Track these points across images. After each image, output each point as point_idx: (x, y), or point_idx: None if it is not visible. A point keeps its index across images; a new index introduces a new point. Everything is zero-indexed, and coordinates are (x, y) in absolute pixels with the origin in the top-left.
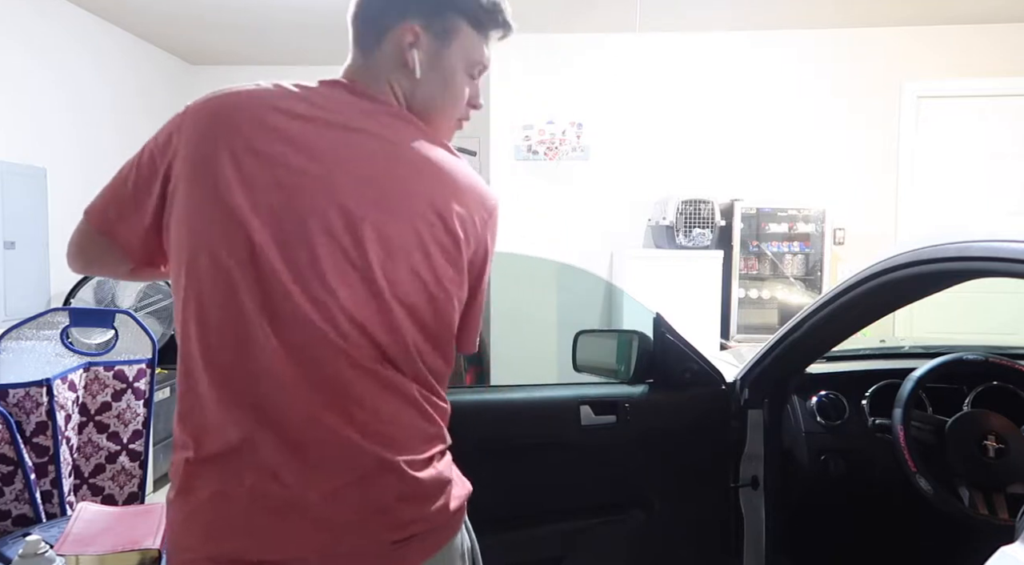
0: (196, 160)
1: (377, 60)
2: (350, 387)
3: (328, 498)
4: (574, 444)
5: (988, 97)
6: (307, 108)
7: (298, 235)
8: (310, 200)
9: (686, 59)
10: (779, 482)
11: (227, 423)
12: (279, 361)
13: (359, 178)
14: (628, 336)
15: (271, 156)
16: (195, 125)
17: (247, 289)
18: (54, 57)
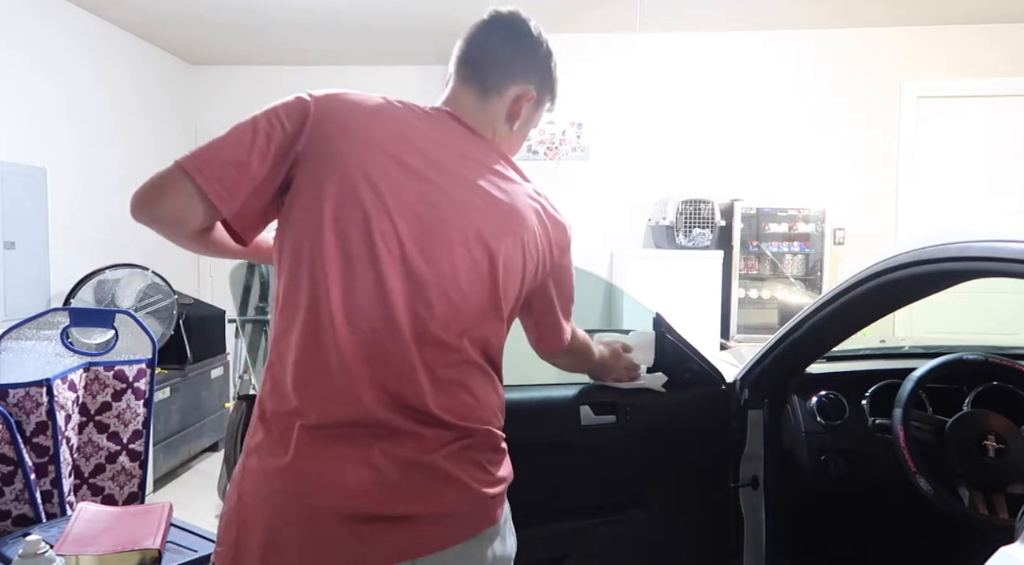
0: (342, 152)
1: (492, 104)
2: (462, 378)
3: (449, 459)
4: (574, 444)
5: (988, 97)
6: (435, 133)
7: (440, 244)
8: (449, 215)
9: (686, 59)
10: (779, 482)
11: (356, 396)
12: (410, 353)
13: (487, 203)
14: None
15: (415, 169)
16: (335, 117)
17: (396, 284)
18: (54, 57)
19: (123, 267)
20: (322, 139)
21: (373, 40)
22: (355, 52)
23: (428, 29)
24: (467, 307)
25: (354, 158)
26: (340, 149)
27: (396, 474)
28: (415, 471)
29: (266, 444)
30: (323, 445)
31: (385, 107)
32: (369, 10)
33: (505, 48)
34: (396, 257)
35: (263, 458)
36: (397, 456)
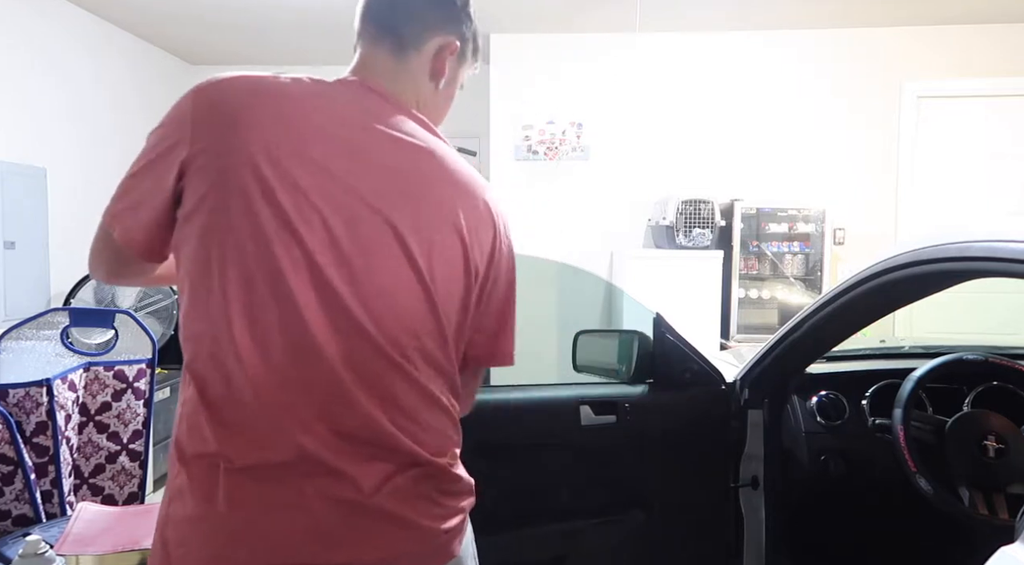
0: (230, 151)
1: (410, 61)
2: (398, 392)
3: (395, 496)
4: (574, 444)
5: (988, 97)
6: (348, 113)
7: (355, 243)
8: (367, 212)
9: (686, 59)
10: (779, 482)
11: (282, 431)
12: (338, 375)
13: (412, 192)
14: (628, 336)
15: (322, 162)
16: (222, 110)
17: (307, 300)
18: (54, 57)
19: None
20: (205, 140)
21: None
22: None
23: None
24: (400, 317)
25: (242, 158)
26: (225, 149)
27: (334, 518)
28: (356, 514)
29: (188, 489)
30: (249, 490)
31: (284, 88)
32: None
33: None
34: (303, 268)
35: (186, 504)
36: (334, 497)
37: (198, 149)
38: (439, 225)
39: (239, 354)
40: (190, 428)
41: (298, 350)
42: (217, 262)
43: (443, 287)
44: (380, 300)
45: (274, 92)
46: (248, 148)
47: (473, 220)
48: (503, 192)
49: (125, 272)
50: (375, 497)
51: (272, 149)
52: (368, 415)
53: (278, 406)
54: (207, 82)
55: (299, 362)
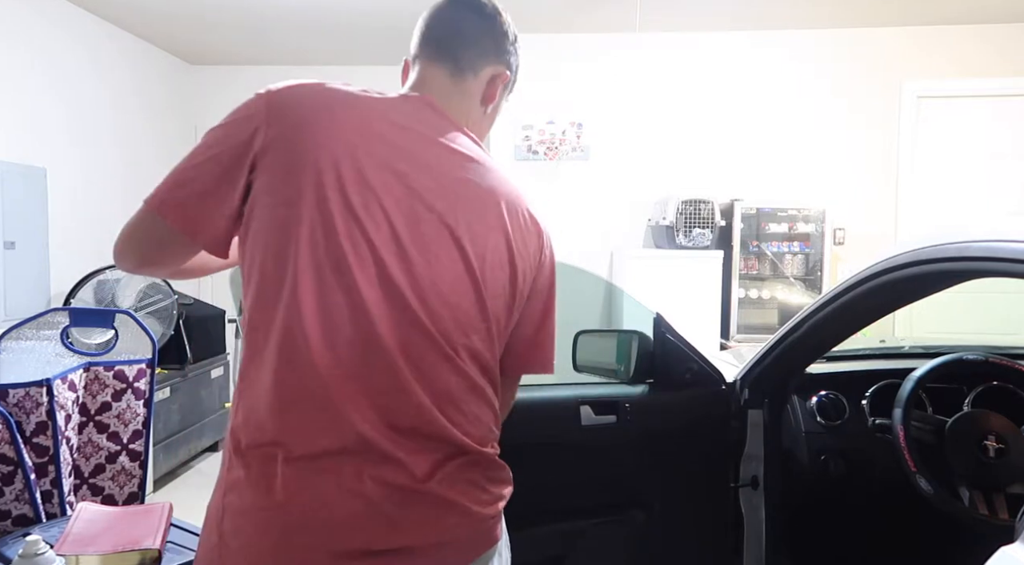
0: (301, 151)
1: (468, 84)
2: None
3: (445, 482)
4: (574, 444)
5: (988, 97)
6: (410, 123)
7: (415, 242)
8: (427, 214)
9: (686, 59)
10: (779, 482)
11: (343, 419)
12: (398, 368)
13: (468, 198)
14: (628, 336)
15: (387, 165)
16: (294, 113)
17: (372, 294)
18: (54, 57)
19: None
20: (280, 139)
21: (373, 40)
22: (355, 52)
23: None
24: (453, 314)
25: (315, 157)
26: (300, 148)
27: (390, 504)
28: (410, 499)
29: (246, 480)
30: (308, 478)
31: (352, 97)
32: (369, 10)
33: (475, 26)
34: (370, 264)
35: (243, 495)
36: (390, 484)
37: (270, 144)
38: (490, 230)
39: (308, 342)
40: (247, 417)
41: (363, 341)
42: (291, 253)
43: (492, 288)
44: (437, 297)
45: (342, 98)
46: (319, 148)
47: (519, 229)
48: None
49: (160, 261)
50: (428, 483)
51: (341, 150)
52: (422, 405)
53: (342, 394)
54: (279, 86)
55: (363, 352)
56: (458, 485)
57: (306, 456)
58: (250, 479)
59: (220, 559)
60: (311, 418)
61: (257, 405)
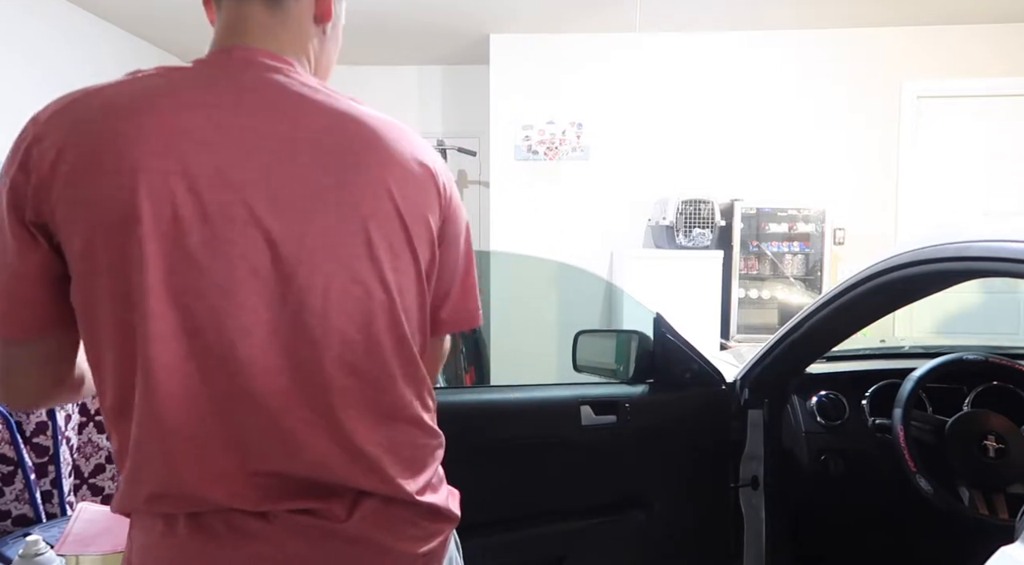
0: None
1: (290, 11)
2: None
3: (365, 522)
4: (574, 444)
5: (988, 97)
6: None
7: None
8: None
9: (686, 59)
10: (779, 482)
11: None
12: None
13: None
14: (628, 336)
15: (207, 176)
16: (72, 143)
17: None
18: (53, 57)
19: None
20: (64, 184)
21: (372, 40)
22: (354, 52)
23: (428, 29)
24: (345, 333)
25: (116, 197)
26: (93, 192)
27: (304, 546)
28: (328, 540)
29: (148, 519)
30: (212, 524)
31: (140, 95)
32: (368, 10)
33: None
34: (219, 313)
35: (146, 534)
36: (301, 526)
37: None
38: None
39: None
40: (129, 478)
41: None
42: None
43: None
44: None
45: (126, 109)
46: (114, 186)
47: (411, 191)
48: (503, 192)
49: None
50: (347, 523)
51: (147, 180)
52: (321, 453)
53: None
54: (49, 113)
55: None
56: (380, 522)
57: (202, 513)
58: (152, 519)
59: None
60: (196, 489)
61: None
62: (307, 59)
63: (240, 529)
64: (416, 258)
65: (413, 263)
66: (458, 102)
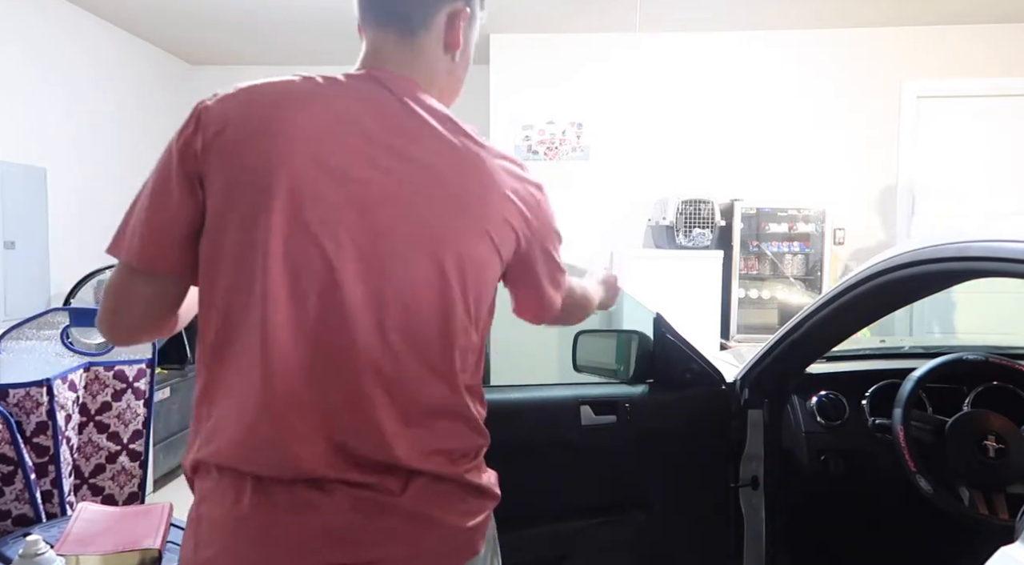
0: (245, 165)
1: (421, 41)
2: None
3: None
4: (574, 444)
5: (988, 97)
6: (363, 113)
7: (382, 261)
8: (392, 221)
9: (686, 59)
10: (779, 482)
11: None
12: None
13: (437, 194)
14: (628, 336)
15: (343, 171)
16: (234, 122)
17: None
18: (54, 57)
19: None
20: (222, 151)
21: None
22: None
23: None
24: (425, 324)
25: (264, 172)
26: (244, 161)
27: (361, 520)
28: (382, 515)
29: (216, 491)
30: (274, 495)
31: (294, 94)
32: None
33: None
34: (326, 282)
35: (213, 506)
36: (361, 500)
37: (213, 161)
38: (463, 224)
39: (268, 369)
40: (208, 438)
41: (327, 367)
42: (257, 275)
43: (472, 285)
44: (405, 311)
45: (287, 101)
46: (267, 162)
47: (497, 213)
48: None
49: (137, 314)
50: (400, 497)
51: (292, 161)
52: (384, 433)
53: (299, 426)
54: (216, 98)
55: (327, 379)
56: (433, 498)
57: (270, 478)
58: (219, 490)
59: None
60: (272, 447)
61: (216, 428)
62: (435, 83)
63: (303, 500)
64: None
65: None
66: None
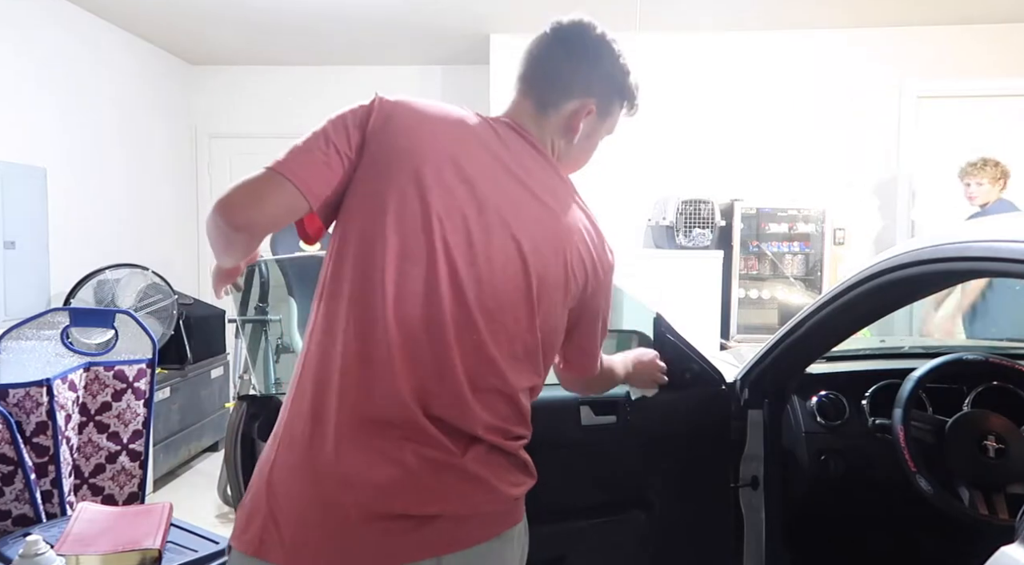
0: (399, 150)
1: (550, 118)
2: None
3: (477, 461)
4: (574, 444)
5: (988, 97)
6: (494, 143)
7: (484, 252)
8: (495, 224)
9: (686, 59)
10: (779, 482)
11: (401, 396)
12: (452, 358)
13: (534, 217)
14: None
15: (467, 174)
16: (396, 119)
17: (444, 286)
18: (54, 57)
19: (123, 267)
20: (382, 138)
21: (374, 40)
22: (356, 52)
23: (428, 29)
24: (505, 318)
25: (410, 157)
26: (398, 147)
27: (426, 474)
28: (444, 472)
29: (298, 435)
30: (356, 440)
31: (447, 113)
32: (370, 10)
33: (564, 65)
34: (443, 258)
35: (293, 450)
36: (427, 457)
37: (376, 136)
38: (550, 250)
39: (386, 318)
40: (314, 377)
41: (426, 329)
42: (376, 235)
43: (546, 303)
44: (494, 302)
45: (441, 115)
46: (414, 151)
47: (576, 255)
48: None
49: (263, 222)
50: (462, 458)
51: (433, 158)
52: (461, 395)
53: (400, 372)
54: (391, 96)
55: (427, 338)
56: (488, 465)
57: (357, 419)
58: (302, 435)
59: (266, 506)
60: (372, 386)
61: (322, 365)
62: (553, 150)
63: (380, 451)
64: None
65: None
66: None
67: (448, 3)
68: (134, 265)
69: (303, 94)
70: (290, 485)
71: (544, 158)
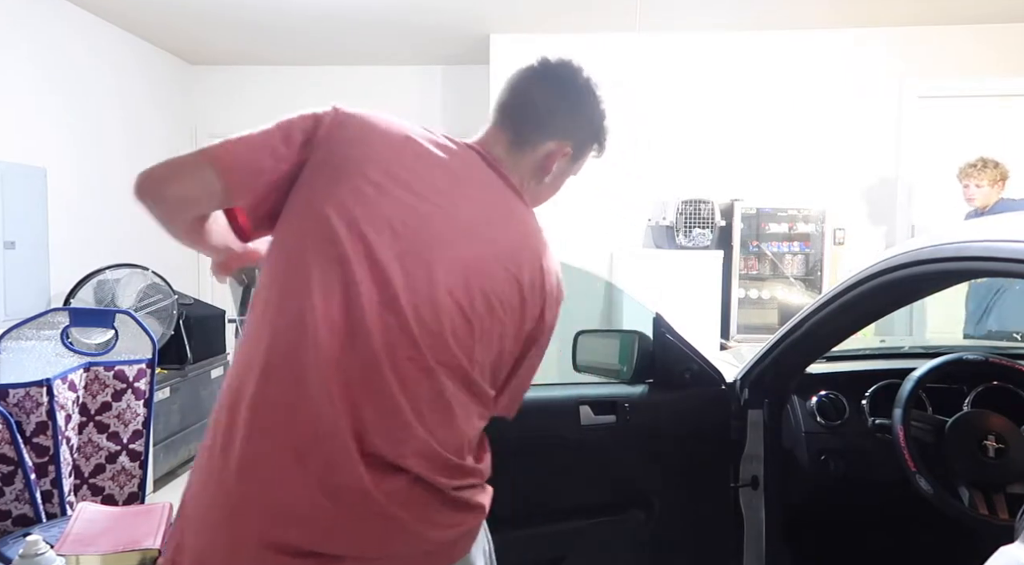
0: (342, 157)
1: (525, 155)
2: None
3: (399, 501)
4: (574, 444)
5: (988, 97)
6: (451, 163)
7: (418, 265)
8: (433, 240)
9: (686, 59)
10: (779, 482)
11: (324, 413)
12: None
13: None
14: (628, 336)
15: (406, 187)
16: (346, 129)
17: (368, 292)
18: (54, 57)
19: (123, 267)
20: (327, 146)
21: (373, 40)
22: (355, 52)
23: (428, 29)
24: (444, 337)
25: (354, 167)
26: (341, 155)
27: (338, 509)
28: (358, 509)
29: (214, 446)
30: (263, 458)
31: (399, 129)
32: (370, 10)
33: (547, 103)
34: (369, 268)
35: (203, 466)
36: (342, 487)
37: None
38: (499, 272)
39: (316, 329)
40: (230, 382)
41: (355, 335)
42: (308, 245)
43: (487, 327)
44: (432, 317)
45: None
46: (360, 161)
47: (532, 280)
48: None
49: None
50: (382, 497)
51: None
52: (399, 411)
53: (326, 386)
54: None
55: (354, 347)
56: (413, 506)
57: (268, 435)
58: (211, 449)
59: (179, 528)
60: (288, 400)
61: (241, 374)
62: (520, 183)
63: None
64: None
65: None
66: (458, 102)
67: (448, 3)
68: (134, 265)
69: (303, 94)
70: (196, 503)
71: (511, 189)
